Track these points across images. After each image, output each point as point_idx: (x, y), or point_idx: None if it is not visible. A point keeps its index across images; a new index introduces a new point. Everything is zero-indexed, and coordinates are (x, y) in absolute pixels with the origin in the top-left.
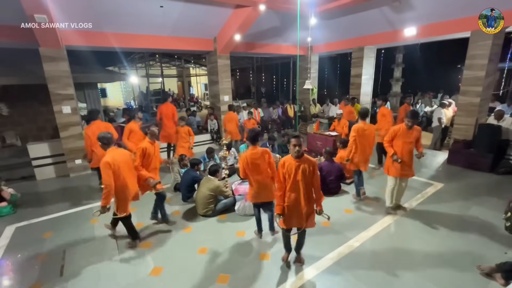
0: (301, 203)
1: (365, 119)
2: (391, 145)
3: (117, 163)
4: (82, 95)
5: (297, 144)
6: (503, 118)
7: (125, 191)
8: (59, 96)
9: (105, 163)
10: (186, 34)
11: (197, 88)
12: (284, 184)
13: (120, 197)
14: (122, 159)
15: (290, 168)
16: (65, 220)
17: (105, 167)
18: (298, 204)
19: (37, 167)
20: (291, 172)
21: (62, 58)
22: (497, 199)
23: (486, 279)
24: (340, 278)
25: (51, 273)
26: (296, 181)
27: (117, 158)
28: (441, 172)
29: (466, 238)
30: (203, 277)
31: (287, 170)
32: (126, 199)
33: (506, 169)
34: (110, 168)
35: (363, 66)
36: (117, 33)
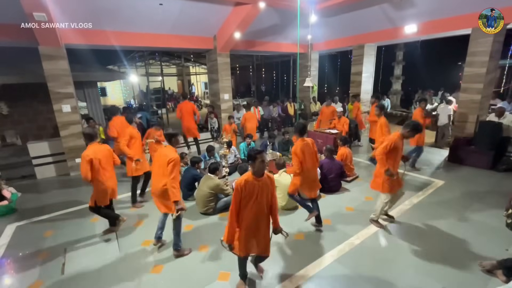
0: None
1: (302, 135)
2: (386, 158)
3: (98, 157)
4: (82, 94)
5: (263, 159)
6: (504, 115)
7: (105, 183)
8: (58, 95)
9: (86, 156)
10: (185, 32)
11: (197, 86)
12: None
13: (100, 189)
14: (103, 154)
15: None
16: (66, 219)
17: (85, 161)
18: (258, 229)
19: (37, 166)
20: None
21: (62, 57)
22: (498, 196)
23: (487, 276)
24: (340, 275)
25: (52, 271)
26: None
27: (98, 153)
28: (442, 170)
29: (467, 235)
30: (204, 275)
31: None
32: (106, 191)
33: (507, 166)
34: (89, 163)
35: (363, 63)
36: (116, 32)
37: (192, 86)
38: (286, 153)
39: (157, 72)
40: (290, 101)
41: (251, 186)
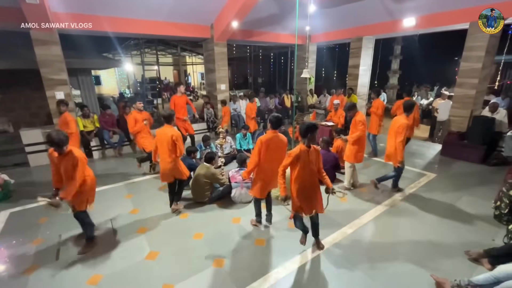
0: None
1: (275, 128)
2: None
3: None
4: (76, 81)
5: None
6: (497, 111)
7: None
8: (51, 81)
9: (83, 158)
10: (182, 20)
11: (193, 77)
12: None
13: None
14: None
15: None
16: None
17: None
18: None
19: (30, 154)
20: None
21: (54, 42)
22: (487, 189)
23: (474, 264)
24: (333, 263)
25: (47, 256)
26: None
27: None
28: (435, 163)
29: (456, 225)
30: (199, 261)
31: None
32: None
33: (498, 160)
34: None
35: (361, 56)
36: (110, 17)
37: (188, 77)
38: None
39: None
40: (287, 93)
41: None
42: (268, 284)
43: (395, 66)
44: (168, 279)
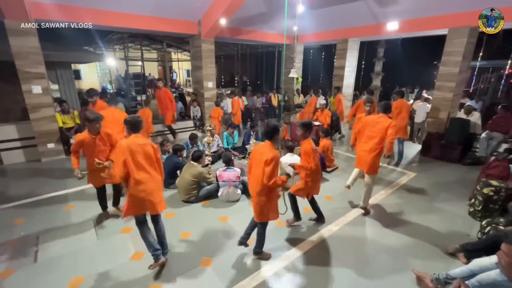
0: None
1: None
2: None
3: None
4: (54, 75)
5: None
6: (472, 113)
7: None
8: (28, 75)
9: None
10: (168, 15)
11: (179, 73)
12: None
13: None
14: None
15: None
16: (38, 206)
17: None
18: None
19: (3, 151)
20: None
21: (31, 33)
22: (462, 188)
23: (451, 258)
24: (319, 259)
25: (24, 259)
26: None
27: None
28: (415, 163)
29: (434, 222)
30: (186, 261)
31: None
32: None
33: (472, 160)
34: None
35: (346, 58)
36: (93, 9)
37: (173, 73)
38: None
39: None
40: (274, 92)
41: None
42: (256, 283)
43: (378, 68)
44: (155, 279)
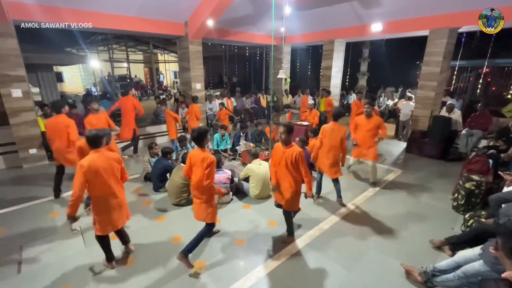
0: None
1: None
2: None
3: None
4: (35, 78)
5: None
6: (453, 111)
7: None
8: (7, 78)
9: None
10: (154, 16)
11: (166, 75)
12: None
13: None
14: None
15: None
16: (20, 214)
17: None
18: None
19: None
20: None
21: (10, 34)
22: (446, 183)
23: (437, 251)
24: (311, 258)
25: (6, 271)
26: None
27: None
28: (400, 160)
29: (420, 216)
30: (178, 265)
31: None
32: None
33: (454, 156)
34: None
35: (333, 58)
36: (75, 10)
37: (160, 75)
38: (259, 144)
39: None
40: (262, 93)
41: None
42: (249, 284)
43: (364, 68)
44: (147, 284)
